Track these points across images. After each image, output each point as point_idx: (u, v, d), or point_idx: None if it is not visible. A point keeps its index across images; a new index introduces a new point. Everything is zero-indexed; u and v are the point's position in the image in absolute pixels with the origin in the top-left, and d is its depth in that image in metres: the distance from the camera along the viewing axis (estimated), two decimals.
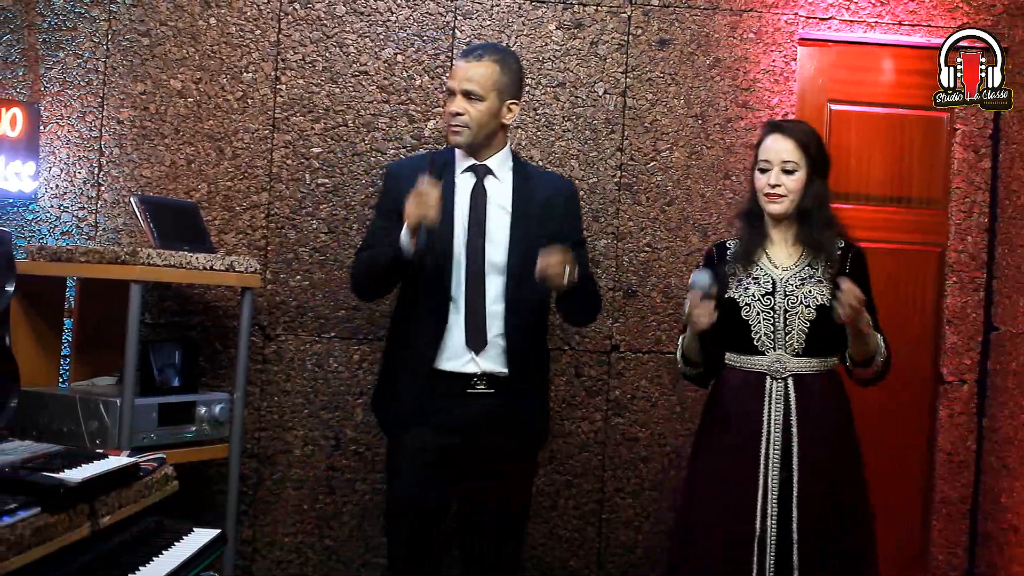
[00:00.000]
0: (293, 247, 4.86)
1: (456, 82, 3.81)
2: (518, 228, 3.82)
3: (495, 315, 3.81)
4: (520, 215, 3.83)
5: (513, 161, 3.95)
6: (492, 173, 3.89)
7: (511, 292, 3.82)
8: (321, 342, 4.86)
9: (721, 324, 3.82)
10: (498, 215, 3.83)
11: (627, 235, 4.92)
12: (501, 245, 3.82)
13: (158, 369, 4.32)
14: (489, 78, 3.79)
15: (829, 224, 3.84)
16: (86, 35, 4.82)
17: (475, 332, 3.79)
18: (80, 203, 4.81)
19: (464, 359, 3.80)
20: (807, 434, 3.73)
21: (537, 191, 3.90)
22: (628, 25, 4.93)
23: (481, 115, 3.81)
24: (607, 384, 4.93)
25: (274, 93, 4.88)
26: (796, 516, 3.69)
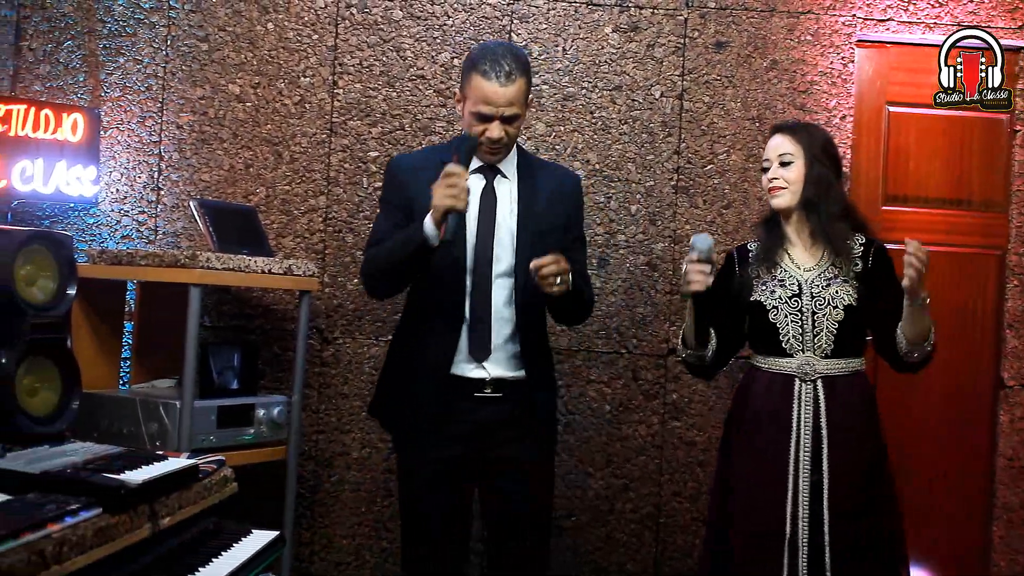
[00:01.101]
0: (350, 251, 4.83)
1: (493, 108, 3.57)
2: (525, 227, 3.70)
3: (505, 320, 3.68)
4: (526, 213, 3.71)
5: (518, 155, 3.81)
6: (501, 172, 3.74)
7: (520, 295, 3.69)
8: (378, 345, 4.83)
9: (748, 326, 3.81)
10: (506, 217, 3.71)
11: (684, 238, 4.84)
12: (509, 248, 3.69)
13: (217, 372, 4.32)
14: (523, 95, 3.63)
15: (839, 217, 3.76)
16: (145, 41, 4.84)
17: (479, 341, 3.66)
18: (140, 207, 4.83)
19: (472, 365, 3.67)
20: (837, 436, 3.67)
21: (542, 185, 3.77)
22: (685, 28, 4.88)
23: (517, 131, 3.68)
24: (664, 388, 4.87)
25: (331, 97, 4.86)
26: (827, 518, 3.62)
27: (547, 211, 3.73)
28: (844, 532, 3.61)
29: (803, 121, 4.33)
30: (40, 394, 3.50)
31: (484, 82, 3.55)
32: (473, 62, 3.60)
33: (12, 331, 3.35)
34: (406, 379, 3.75)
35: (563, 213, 3.79)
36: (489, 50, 3.62)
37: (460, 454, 3.67)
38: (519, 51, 3.68)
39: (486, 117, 3.58)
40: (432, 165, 3.55)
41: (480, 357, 3.64)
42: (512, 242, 3.67)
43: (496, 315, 3.65)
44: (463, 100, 3.66)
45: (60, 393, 3.54)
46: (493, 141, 3.60)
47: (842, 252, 3.75)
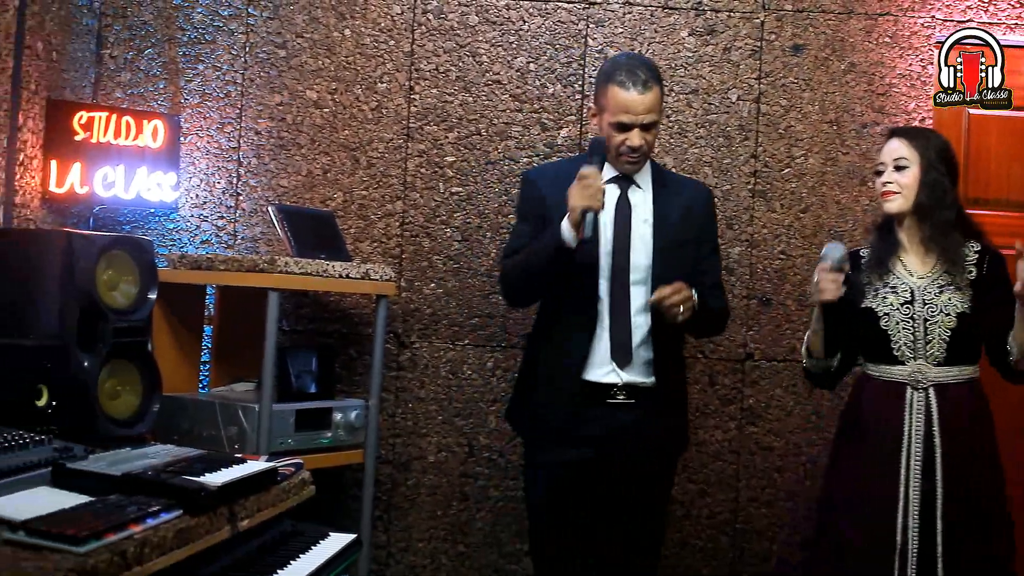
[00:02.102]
0: (427, 255, 4.84)
1: (634, 116, 3.66)
2: (660, 237, 3.75)
3: (639, 326, 3.72)
4: (661, 224, 3.76)
5: (652, 168, 3.89)
6: (635, 183, 3.80)
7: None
8: (455, 349, 4.83)
9: (859, 333, 3.75)
10: (641, 226, 3.75)
11: (761, 242, 4.82)
12: (644, 255, 3.73)
13: (295, 375, 4.32)
14: (659, 102, 3.72)
15: (953, 224, 3.70)
16: (224, 48, 4.87)
17: (620, 346, 3.70)
18: (219, 212, 4.85)
19: (606, 369, 3.71)
20: (949, 445, 3.60)
21: (676, 198, 3.81)
22: (761, 31, 4.83)
23: (655, 139, 3.77)
24: (741, 393, 4.83)
25: (408, 103, 4.87)
26: (940, 528, 3.56)
27: (681, 223, 3.77)
28: (957, 543, 3.56)
29: (921, 126, 4.27)
30: (122, 397, 3.58)
31: (622, 92, 3.64)
32: (608, 75, 3.69)
33: (94, 335, 3.42)
34: (539, 383, 3.80)
35: (696, 225, 3.84)
36: (622, 62, 3.71)
37: (589, 458, 3.71)
38: (650, 61, 3.77)
39: (626, 126, 3.67)
40: (568, 175, 3.59)
41: (621, 361, 3.68)
42: (647, 251, 3.71)
43: (633, 320, 3.69)
44: (599, 113, 3.74)
45: (141, 396, 3.62)
46: (634, 149, 3.67)
47: (955, 260, 3.69)
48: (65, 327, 3.38)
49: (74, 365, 3.34)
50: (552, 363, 3.78)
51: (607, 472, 3.74)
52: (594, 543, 3.84)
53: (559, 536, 3.79)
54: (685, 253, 3.77)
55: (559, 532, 3.79)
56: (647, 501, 3.81)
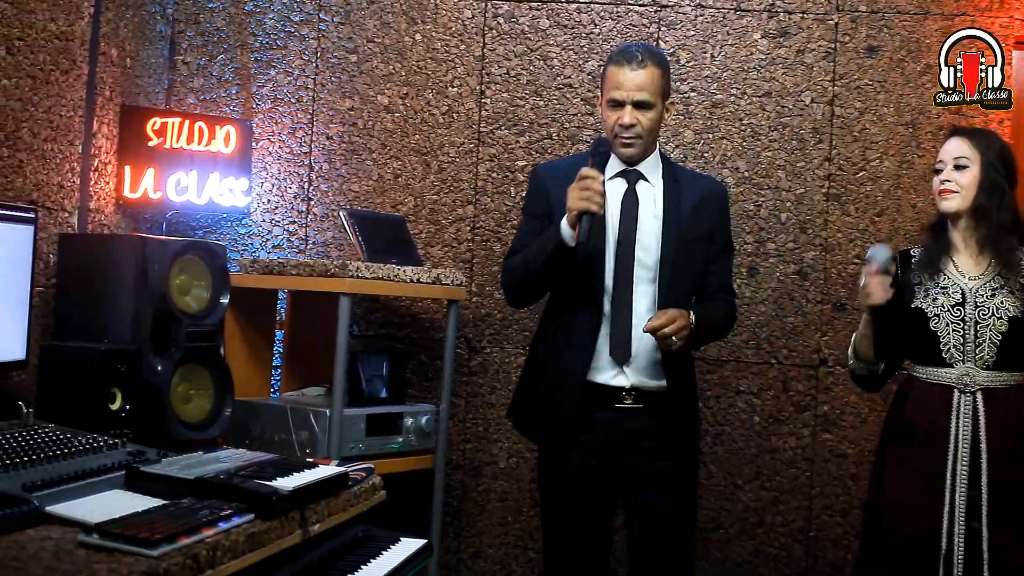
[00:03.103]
0: (498, 260, 4.80)
1: (624, 92, 3.61)
2: (669, 234, 3.65)
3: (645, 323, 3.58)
4: (671, 220, 3.67)
5: (663, 163, 3.78)
6: (644, 177, 3.71)
7: (663, 300, 3.62)
8: (525, 354, 4.67)
9: (908, 334, 3.69)
10: (649, 221, 3.67)
11: (836, 247, 4.76)
12: (652, 252, 3.65)
13: (366, 380, 4.35)
14: (656, 84, 3.63)
15: (1009, 227, 3.63)
16: (296, 53, 4.92)
17: (619, 344, 3.61)
18: (291, 217, 4.90)
19: (613, 371, 3.62)
20: (997, 450, 3.53)
21: (687, 193, 3.74)
22: (835, 32, 4.78)
23: (652, 123, 3.66)
24: (815, 399, 4.77)
25: (479, 107, 4.88)
26: (986, 535, 3.49)
27: (692, 219, 3.69)
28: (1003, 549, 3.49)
29: (982, 127, 4.20)
30: (194, 401, 3.64)
31: (615, 69, 3.62)
32: (608, 59, 3.69)
33: (167, 340, 3.49)
34: (544, 385, 3.73)
35: (708, 221, 3.75)
36: (622, 45, 3.75)
37: (596, 465, 3.65)
38: (654, 47, 3.75)
39: (618, 103, 3.62)
40: (575, 173, 3.52)
41: (620, 358, 3.60)
42: (657, 247, 3.64)
43: (637, 321, 3.61)
44: (601, 103, 3.71)
45: (213, 400, 3.69)
46: (624, 127, 3.61)
47: (1009, 263, 3.61)
48: (139, 332, 3.46)
49: (147, 369, 3.41)
50: (557, 363, 3.69)
51: (614, 479, 3.68)
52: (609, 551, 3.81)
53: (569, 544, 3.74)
54: (695, 251, 3.69)
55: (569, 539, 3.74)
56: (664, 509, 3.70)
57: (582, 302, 3.64)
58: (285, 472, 2.80)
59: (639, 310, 3.62)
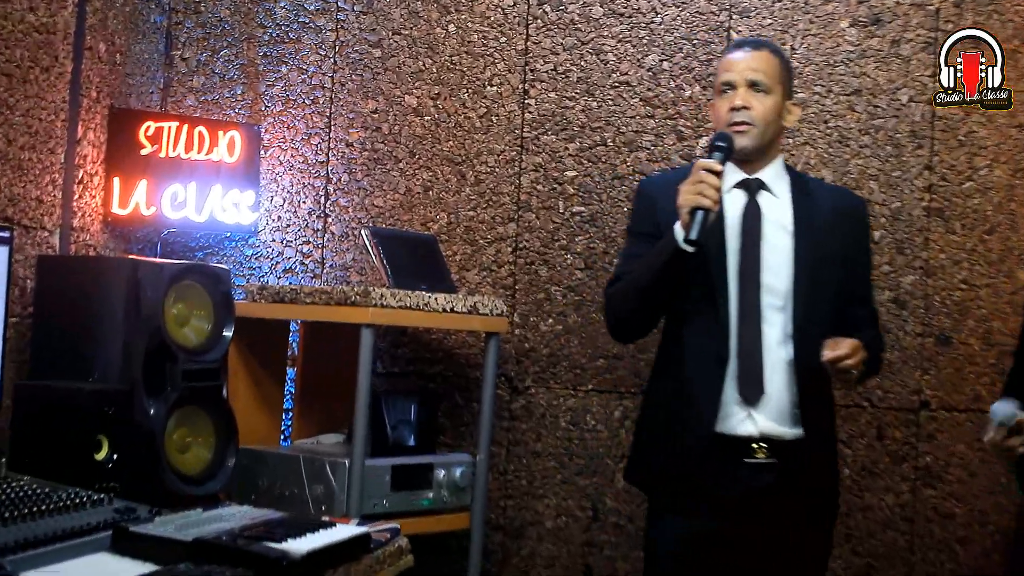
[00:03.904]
0: (545, 286, 4.84)
1: (736, 74, 3.68)
2: (803, 251, 3.65)
3: (779, 362, 3.60)
4: (804, 235, 3.67)
5: (790, 173, 3.81)
6: (766, 188, 3.72)
7: (797, 330, 3.61)
8: (577, 396, 4.83)
9: None
10: (777, 236, 3.67)
11: (938, 270, 4.73)
12: (783, 274, 3.64)
13: (392, 426, 4.35)
14: (772, 68, 3.71)
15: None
16: (311, 48, 4.94)
17: (750, 380, 3.58)
18: (304, 236, 4.92)
19: (739, 416, 3.59)
20: None
21: (820, 206, 3.75)
22: (936, 19, 4.74)
23: (768, 111, 3.68)
24: (915, 449, 4.74)
25: (522, 109, 4.90)
26: None
27: (828, 235, 3.69)
28: None
29: None
30: (192, 450, 3.65)
31: (726, 57, 3.77)
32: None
33: (162, 378, 3.50)
34: (660, 436, 3.73)
35: (846, 240, 3.75)
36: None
37: (715, 529, 3.62)
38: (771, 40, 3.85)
39: (728, 85, 3.70)
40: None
41: (750, 397, 3.57)
42: (788, 268, 3.64)
43: (768, 355, 3.60)
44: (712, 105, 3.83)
45: (214, 449, 3.70)
46: (736, 110, 3.64)
47: None
48: (129, 369, 3.45)
49: (138, 413, 3.40)
50: (674, 410, 3.68)
51: (742, 547, 3.64)
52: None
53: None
54: (832, 274, 3.67)
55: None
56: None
57: (702, 335, 3.64)
58: (297, 533, 2.78)
59: (769, 343, 3.60)
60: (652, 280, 3.60)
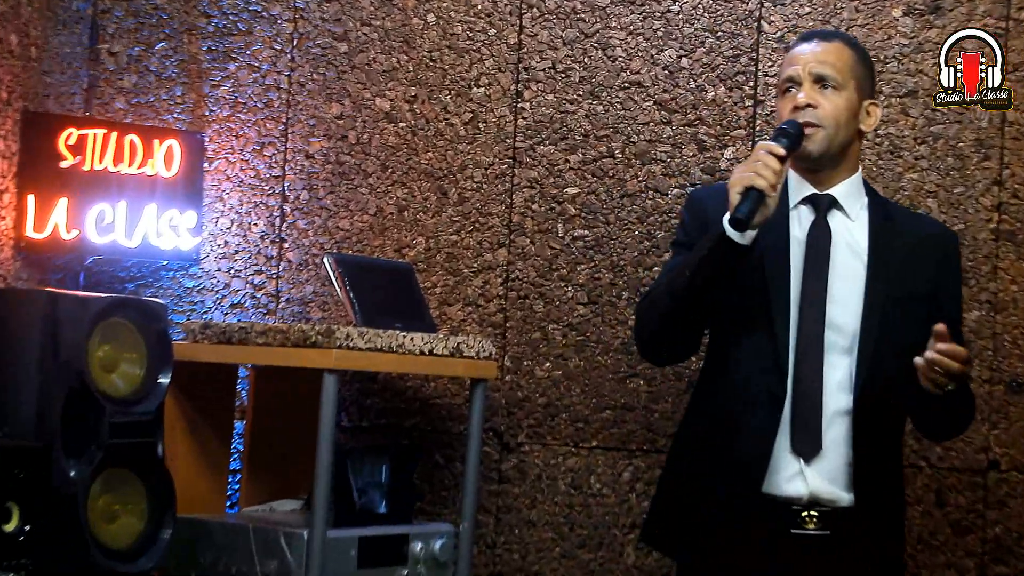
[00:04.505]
0: (541, 324, 4.80)
1: (801, 67, 3.59)
2: (878, 285, 3.57)
3: (839, 412, 3.51)
4: (881, 267, 3.59)
5: (868, 193, 3.75)
6: (839, 206, 3.64)
7: (864, 376, 3.51)
8: (579, 454, 4.78)
9: None
10: (849, 265, 3.59)
11: (1009, 304, 4.66)
12: (852, 309, 3.55)
13: (359, 490, 4.32)
14: (845, 62, 3.61)
15: None
16: (265, 41, 4.93)
17: (806, 432, 3.49)
18: (256, 265, 4.90)
19: (788, 472, 3.50)
20: None
21: (904, 235, 3.68)
22: (1007, 7, 4.72)
23: (839, 110, 3.57)
24: (983, 517, 4.65)
25: (514, 114, 4.87)
26: None
27: (909, 270, 3.63)
28: None
29: None
30: (120, 520, 3.67)
31: (791, 49, 3.72)
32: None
33: (85, 434, 3.52)
34: (692, 491, 3.65)
35: (930, 277, 3.67)
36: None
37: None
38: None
39: (792, 81, 3.63)
40: None
41: (805, 450, 3.49)
42: (859, 303, 3.56)
43: (828, 401, 3.51)
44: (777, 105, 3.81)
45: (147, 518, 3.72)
46: (798, 108, 3.57)
47: None
48: (45, 422, 3.47)
49: (56, 475, 3.41)
50: (713, 456, 3.61)
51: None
52: None
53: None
54: (911, 314, 3.56)
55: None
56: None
57: (755, 367, 3.57)
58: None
59: (829, 388, 3.52)
60: (691, 276, 3.49)
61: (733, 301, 3.53)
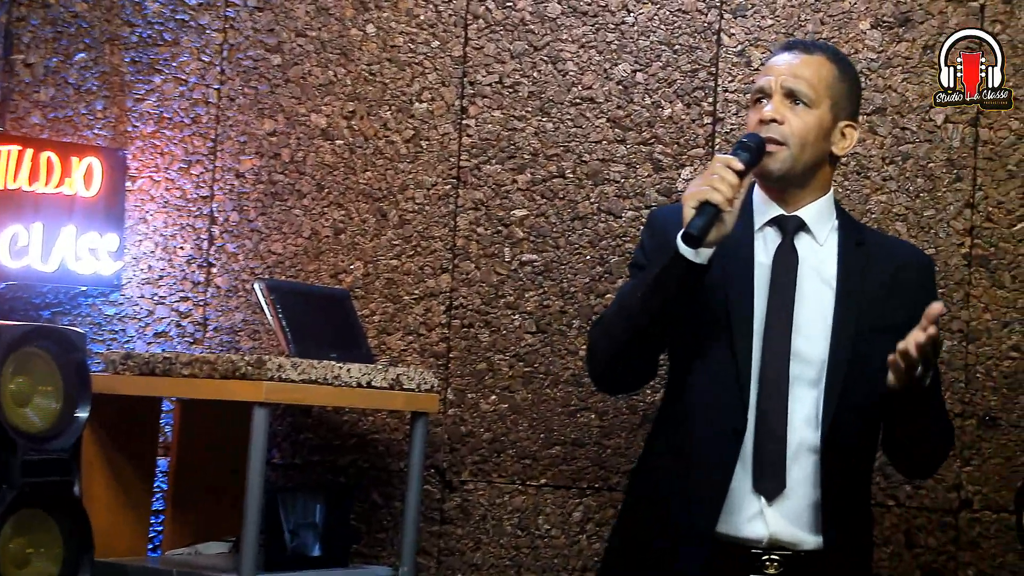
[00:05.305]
0: (486, 354, 4.75)
1: (774, 78, 3.49)
2: (847, 315, 3.47)
3: (803, 446, 3.42)
4: (851, 296, 3.50)
5: (839, 216, 3.69)
6: (807, 229, 3.55)
7: (832, 411, 3.42)
8: (526, 493, 4.74)
9: None
10: (816, 292, 3.50)
11: (982, 333, 4.57)
12: (819, 338, 3.46)
13: (291, 531, 4.30)
14: (823, 78, 3.49)
15: None
16: (192, 52, 4.90)
17: (768, 466, 3.41)
18: (182, 291, 4.87)
19: (748, 512, 3.40)
20: None
21: (875, 261, 3.62)
22: (980, 19, 4.69)
23: (807, 129, 3.47)
24: (955, 559, 4.58)
25: (459, 131, 4.82)
26: None
27: (882, 298, 3.55)
28: None
29: None
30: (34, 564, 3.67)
31: (770, 58, 3.65)
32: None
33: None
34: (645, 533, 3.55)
35: (905, 304, 3.56)
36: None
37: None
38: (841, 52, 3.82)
39: (763, 92, 3.55)
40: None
41: (768, 490, 3.41)
42: (824, 335, 3.49)
43: (792, 437, 3.42)
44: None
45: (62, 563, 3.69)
46: (765, 123, 3.51)
47: None
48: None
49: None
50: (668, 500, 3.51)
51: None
52: None
53: None
54: (883, 346, 3.44)
55: None
56: None
57: (716, 399, 3.48)
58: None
59: (795, 422, 3.45)
60: (644, 298, 3.43)
61: (693, 327, 3.49)
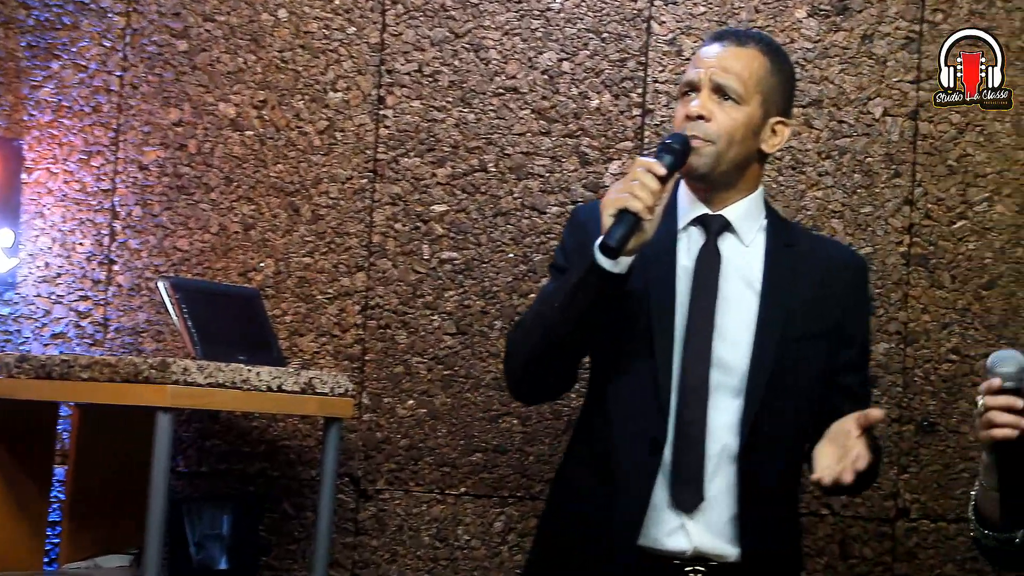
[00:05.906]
0: (403, 356, 4.70)
1: (703, 71, 3.45)
2: (771, 321, 3.45)
3: (724, 456, 3.41)
4: (776, 300, 3.48)
5: (768, 215, 3.63)
6: (732, 230, 3.52)
7: (753, 420, 3.40)
8: (445, 502, 4.70)
9: None
10: (739, 296, 3.48)
11: (921, 335, 4.58)
12: (741, 345, 3.44)
13: (196, 543, 4.30)
14: (754, 73, 3.46)
15: None
16: (93, 37, 4.85)
17: (687, 483, 3.39)
18: (81, 290, 4.81)
19: (670, 525, 3.39)
20: None
21: (804, 262, 3.58)
22: (922, 9, 4.67)
23: (735, 126, 3.43)
24: (891, 570, 4.57)
25: (376, 122, 4.78)
26: None
27: (810, 301, 3.52)
28: None
29: None
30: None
31: (700, 49, 3.60)
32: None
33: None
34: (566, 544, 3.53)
35: (835, 308, 3.56)
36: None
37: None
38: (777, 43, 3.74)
39: (692, 86, 3.50)
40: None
41: (686, 503, 3.38)
42: (748, 341, 3.44)
43: (712, 447, 3.40)
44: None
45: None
46: (691, 119, 3.45)
47: None
48: None
49: None
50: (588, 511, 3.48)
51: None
52: None
53: None
54: (810, 352, 3.49)
55: None
56: None
57: (635, 409, 3.43)
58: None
59: (715, 431, 3.39)
60: (561, 307, 3.40)
61: (614, 333, 3.47)
